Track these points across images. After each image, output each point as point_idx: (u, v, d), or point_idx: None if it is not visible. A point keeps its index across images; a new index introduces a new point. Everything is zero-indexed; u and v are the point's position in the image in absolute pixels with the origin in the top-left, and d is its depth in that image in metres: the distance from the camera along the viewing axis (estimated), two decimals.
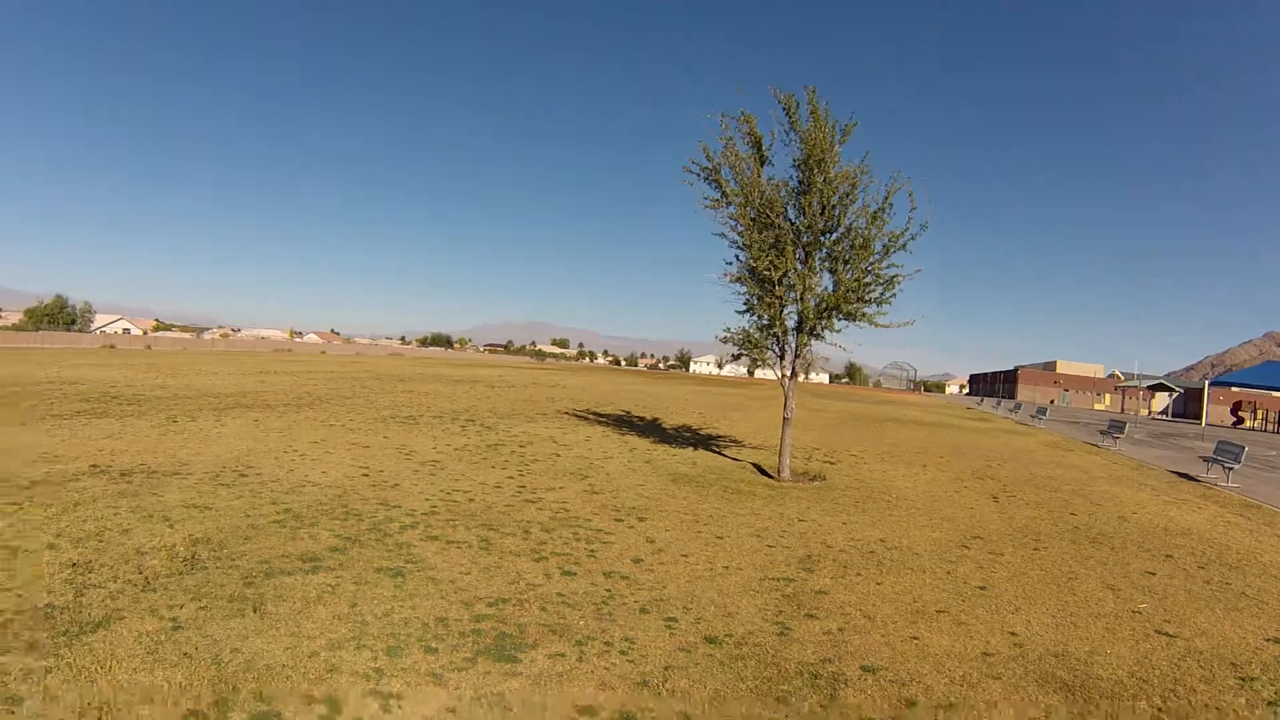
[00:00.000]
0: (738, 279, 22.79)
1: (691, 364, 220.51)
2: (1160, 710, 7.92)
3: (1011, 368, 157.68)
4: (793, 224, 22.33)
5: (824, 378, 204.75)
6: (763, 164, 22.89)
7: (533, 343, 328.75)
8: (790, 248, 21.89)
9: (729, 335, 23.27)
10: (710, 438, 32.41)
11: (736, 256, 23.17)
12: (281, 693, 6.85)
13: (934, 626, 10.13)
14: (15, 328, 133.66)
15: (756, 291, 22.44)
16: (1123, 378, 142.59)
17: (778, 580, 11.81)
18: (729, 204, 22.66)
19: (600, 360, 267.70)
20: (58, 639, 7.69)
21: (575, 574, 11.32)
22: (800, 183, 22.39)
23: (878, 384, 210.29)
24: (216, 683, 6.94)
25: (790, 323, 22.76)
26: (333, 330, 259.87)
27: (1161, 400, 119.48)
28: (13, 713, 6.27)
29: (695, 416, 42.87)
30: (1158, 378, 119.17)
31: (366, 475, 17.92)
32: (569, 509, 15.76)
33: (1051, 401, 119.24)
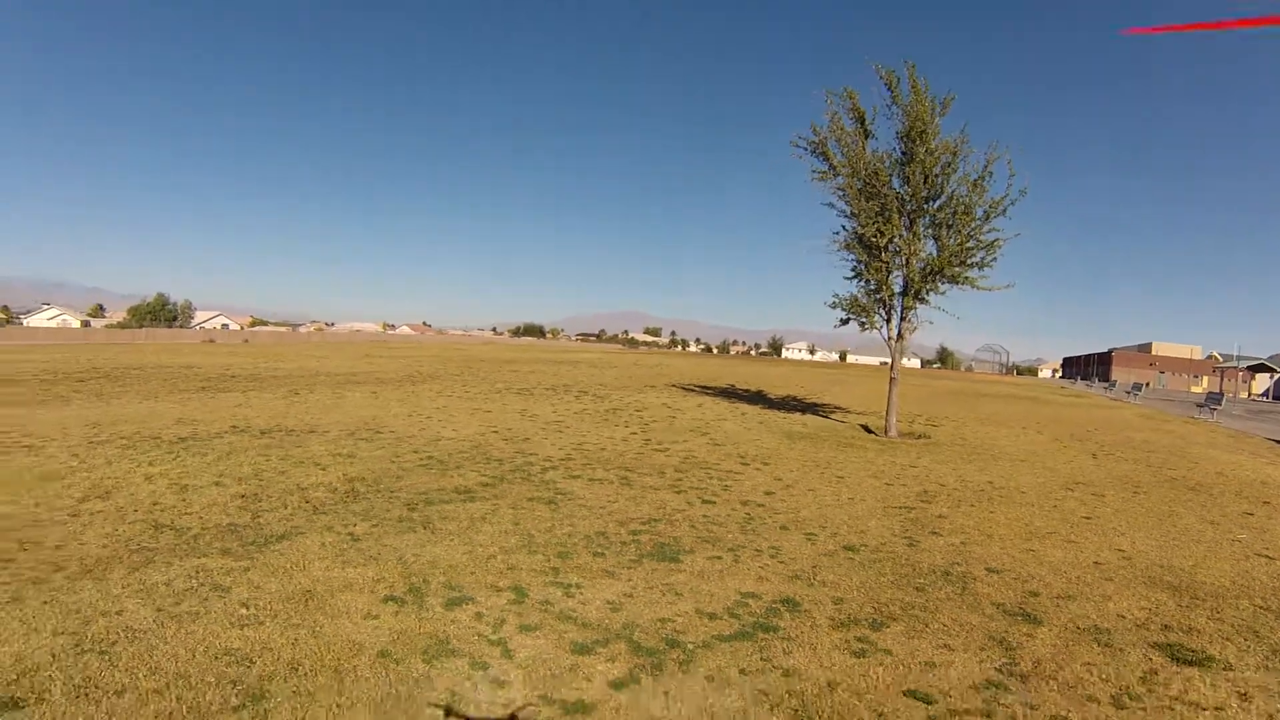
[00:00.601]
0: (846, 246, 23.83)
1: (784, 350, 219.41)
2: (1261, 608, 8.76)
3: (1105, 350, 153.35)
4: (897, 193, 23.28)
5: (915, 363, 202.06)
6: (866, 137, 23.88)
7: (625, 331, 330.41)
8: (896, 215, 22.81)
9: (838, 301, 24.36)
10: (815, 405, 33.58)
11: (843, 226, 24.30)
12: (469, 583, 8.17)
13: (1047, 544, 11.14)
14: (120, 325, 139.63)
15: (864, 257, 23.46)
16: (1221, 359, 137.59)
17: (900, 508, 12.96)
18: (837, 175, 23.68)
19: (693, 348, 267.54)
20: (247, 546, 9.13)
21: (715, 502, 12.63)
22: (903, 154, 23.35)
23: (969, 369, 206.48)
24: (407, 576, 8.29)
25: (896, 287, 23.75)
26: (424, 323, 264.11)
27: (1262, 382, 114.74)
28: (223, 597, 7.54)
29: (797, 389, 43.89)
30: (1260, 359, 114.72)
31: (496, 432, 19.50)
32: (696, 456, 17.08)
33: (1147, 384, 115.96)
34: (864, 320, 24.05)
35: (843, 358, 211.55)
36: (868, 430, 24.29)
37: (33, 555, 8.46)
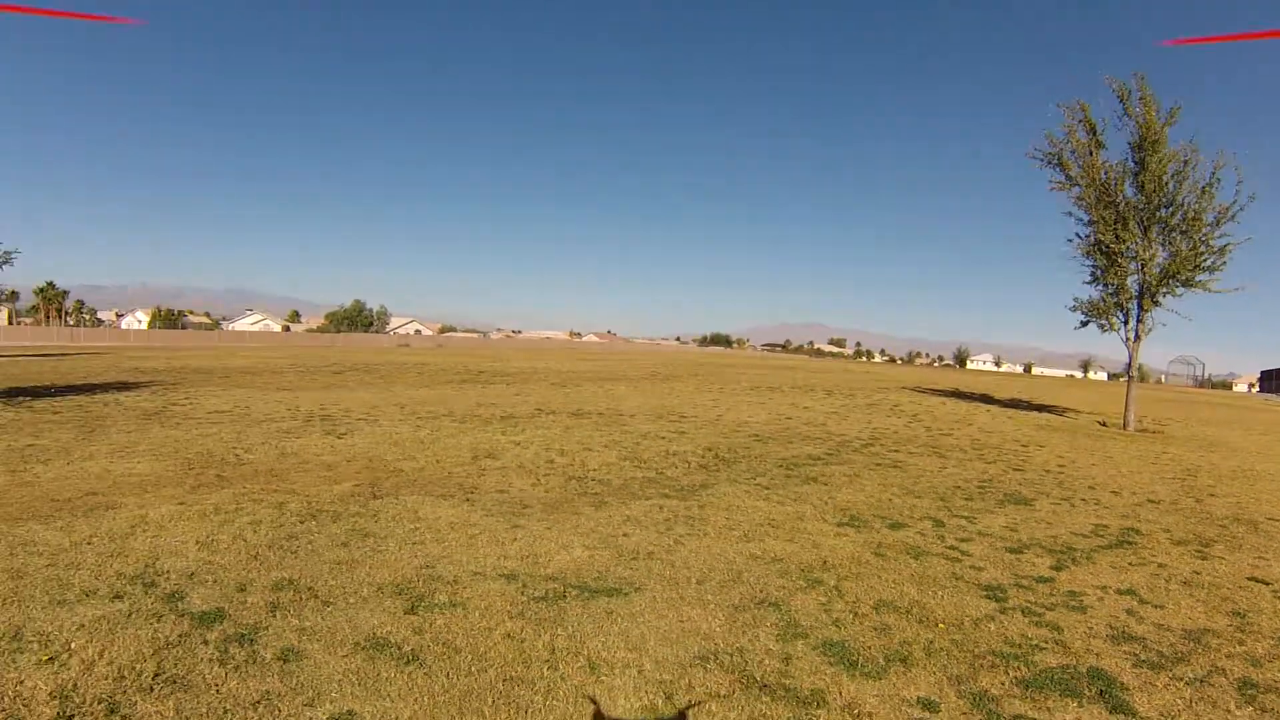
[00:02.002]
0: (1087, 252, 26.02)
1: (968, 361, 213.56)
2: None
3: None
4: (1130, 201, 25.33)
5: (1103, 375, 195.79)
6: (1099, 148, 25.99)
7: (810, 342, 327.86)
8: (1132, 222, 24.91)
9: (1078, 304, 26.58)
10: (1044, 406, 35.55)
11: (1077, 234, 26.56)
12: (891, 515, 11.15)
13: None
14: (320, 329, 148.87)
15: (1104, 263, 25.60)
16: None
17: (1172, 479, 15.70)
18: (1074, 185, 25.94)
19: (877, 358, 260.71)
20: (680, 492, 11.98)
21: (1024, 470, 15.68)
22: (1136, 163, 25.33)
23: (1159, 381, 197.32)
24: (839, 511, 11.27)
25: (1133, 290, 25.76)
26: (609, 330, 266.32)
27: None
28: (705, 524, 9.79)
29: (1018, 393, 45.47)
30: None
31: (789, 419, 22.81)
32: (979, 440, 20.04)
33: None
34: (1103, 322, 26.14)
35: (1028, 369, 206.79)
36: (1103, 425, 26.44)
37: (489, 497, 10.93)
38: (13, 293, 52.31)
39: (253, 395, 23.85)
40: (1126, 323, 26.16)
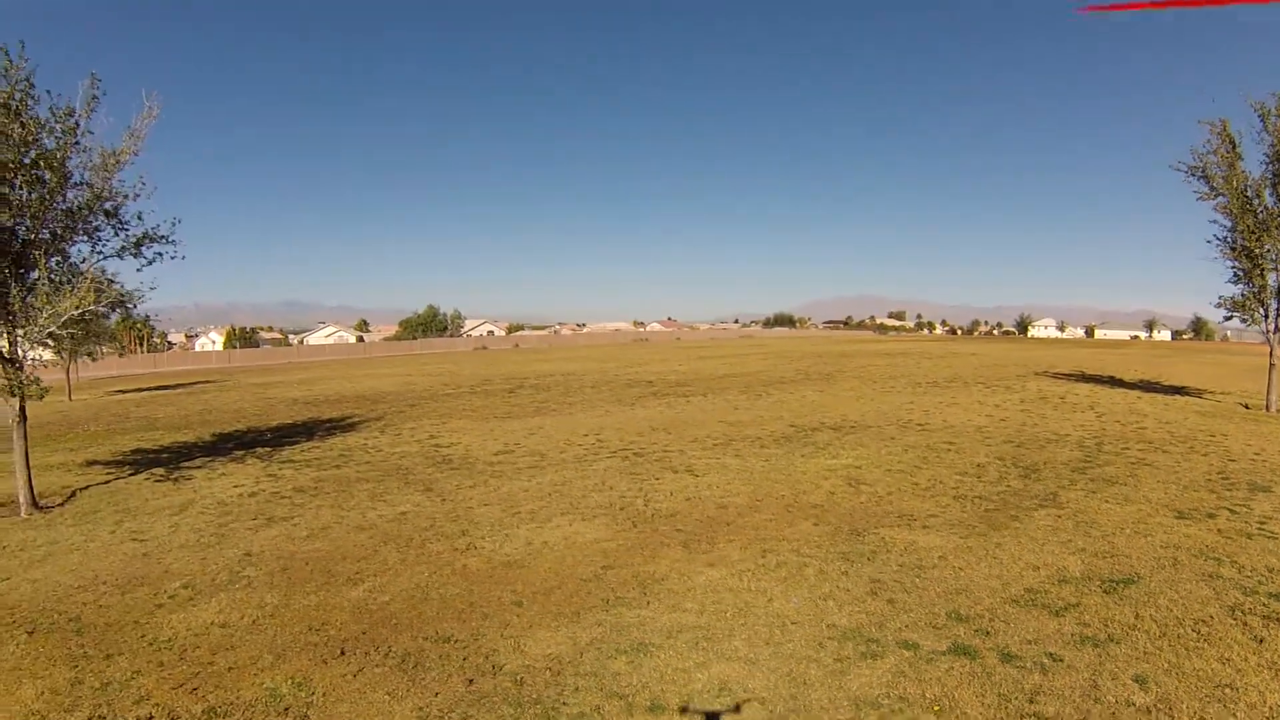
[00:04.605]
0: (1231, 254, 29.09)
1: (1030, 329, 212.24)
2: None
3: None
4: (1270, 209, 28.30)
5: (1166, 334, 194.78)
6: (1238, 159, 28.92)
7: (872, 316, 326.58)
8: (1273, 227, 27.92)
9: (1222, 301, 29.84)
10: (1177, 388, 37.71)
11: (1215, 235, 29.88)
12: (1189, 505, 14.70)
13: None
14: (396, 337, 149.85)
15: (1246, 265, 28.71)
16: None
17: None
18: (1218, 195, 29.10)
19: (939, 330, 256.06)
20: (1045, 504, 15.59)
21: (1236, 460, 19.13)
22: (1273, 174, 28.30)
23: (1225, 338, 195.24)
24: (1158, 505, 14.73)
25: (1274, 288, 28.85)
26: (669, 318, 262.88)
27: None
28: (1103, 525, 13.81)
29: (1136, 373, 46.21)
30: None
31: (1002, 421, 25.93)
32: (1173, 434, 23.11)
33: None
34: (1246, 318, 29.30)
35: (1090, 333, 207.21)
36: (1246, 407, 29.72)
37: (933, 522, 13.76)
38: None
39: (494, 428, 26.52)
40: (1267, 317, 29.20)
